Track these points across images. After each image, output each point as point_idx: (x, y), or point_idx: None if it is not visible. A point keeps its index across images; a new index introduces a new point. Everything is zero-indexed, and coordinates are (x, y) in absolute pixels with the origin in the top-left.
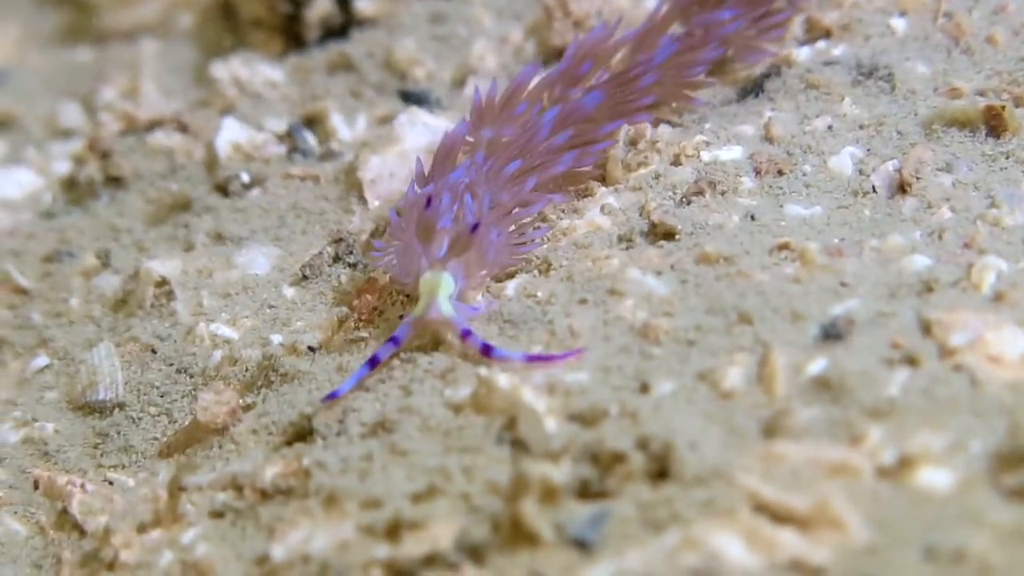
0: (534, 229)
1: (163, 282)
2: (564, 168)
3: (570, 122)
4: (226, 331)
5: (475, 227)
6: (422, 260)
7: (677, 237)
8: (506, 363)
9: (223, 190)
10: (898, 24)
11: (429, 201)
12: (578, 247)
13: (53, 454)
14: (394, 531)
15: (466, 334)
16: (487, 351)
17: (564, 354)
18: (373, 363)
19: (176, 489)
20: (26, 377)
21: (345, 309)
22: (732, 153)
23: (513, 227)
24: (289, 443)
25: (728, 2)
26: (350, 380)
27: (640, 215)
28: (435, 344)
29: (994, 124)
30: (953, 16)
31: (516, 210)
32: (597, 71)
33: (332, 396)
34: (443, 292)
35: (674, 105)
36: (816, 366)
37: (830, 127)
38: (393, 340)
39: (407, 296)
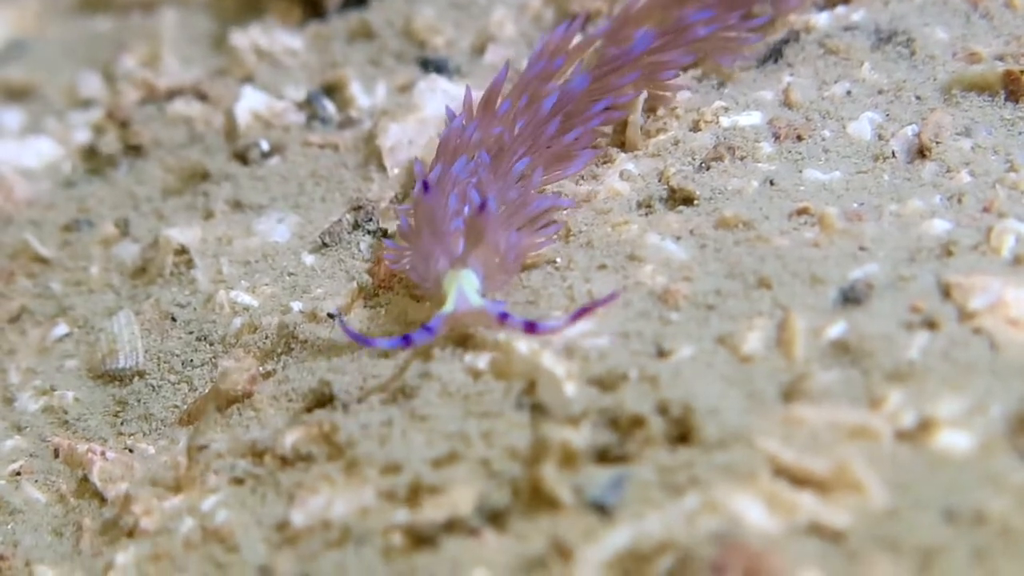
0: (546, 226)
1: (182, 250)
2: (576, 171)
3: (566, 107)
4: (246, 298)
5: (483, 205)
6: (439, 261)
7: (696, 202)
8: (552, 334)
9: (242, 158)
10: None
11: (427, 186)
12: (597, 213)
13: (73, 422)
14: (414, 496)
15: (503, 317)
16: (531, 328)
17: (602, 300)
18: (406, 340)
19: (195, 450)
20: (46, 346)
21: (365, 276)
22: (751, 118)
23: (526, 224)
24: (309, 409)
25: (705, 2)
26: (381, 341)
27: (659, 181)
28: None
29: (1013, 89)
30: None
31: (527, 207)
32: (569, 66)
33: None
34: (468, 286)
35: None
36: (835, 330)
37: (849, 92)
38: (428, 329)
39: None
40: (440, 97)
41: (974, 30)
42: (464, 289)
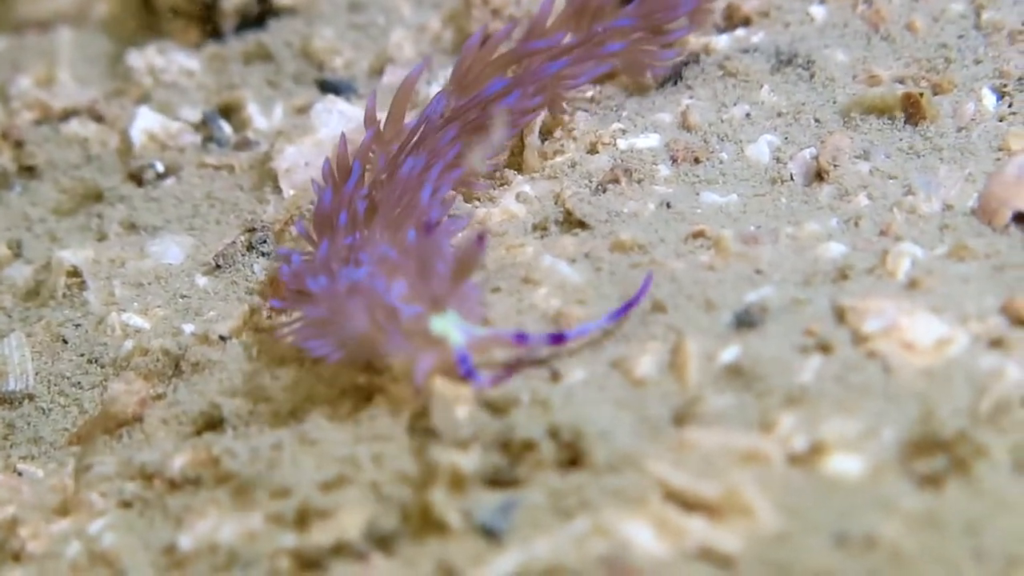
0: None
1: (75, 272)
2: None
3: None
4: (138, 321)
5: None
6: (407, 314)
7: (591, 225)
8: (582, 338)
9: (137, 179)
10: (817, 11)
11: (428, 227)
12: (492, 235)
13: None
14: (302, 520)
15: (521, 339)
16: (560, 339)
17: (639, 292)
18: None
19: (81, 472)
20: None
21: (257, 298)
22: (649, 141)
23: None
24: (199, 432)
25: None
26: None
27: (555, 203)
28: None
29: (912, 111)
30: (873, 3)
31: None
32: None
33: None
34: (461, 322)
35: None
36: (728, 353)
37: (748, 115)
38: (463, 359)
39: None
40: (336, 118)
41: (875, 53)
42: (461, 325)
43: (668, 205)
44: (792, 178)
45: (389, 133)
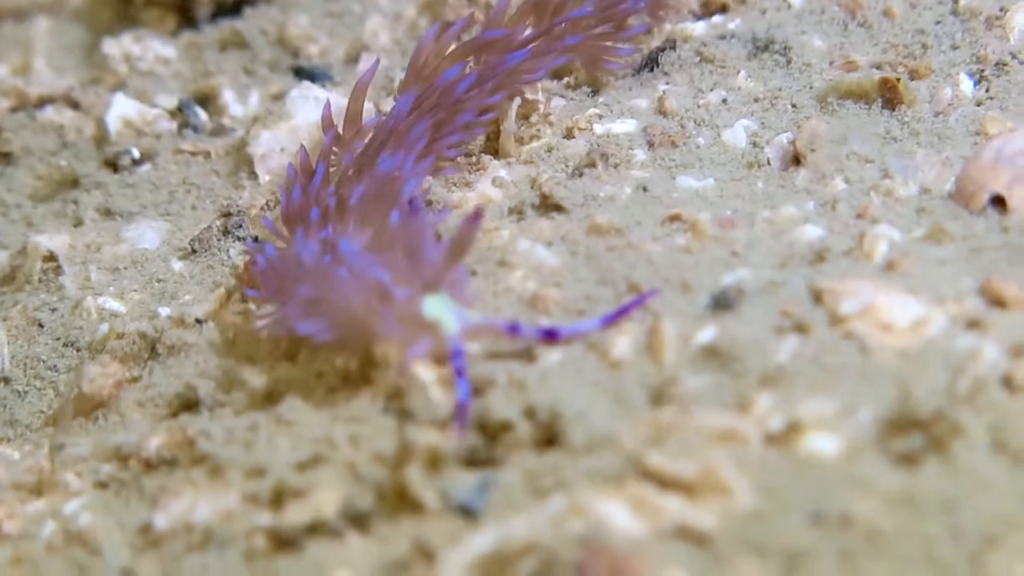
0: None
1: (51, 257)
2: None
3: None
4: (114, 304)
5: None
6: (398, 293)
7: (568, 209)
8: (576, 338)
9: (113, 166)
10: None
11: (412, 204)
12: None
13: None
14: (278, 499)
15: (514, 330)
16: (553, 335)
17: (636, 300)
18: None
19: (54, 451)
20: None
21: (233, 282)
22: (626, 126)
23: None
24: (175, 414)
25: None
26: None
27: (531, 187)
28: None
29: (889, 96)
30: None
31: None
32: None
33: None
34: (455, 306)
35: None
36: (705, 334)
37: (725, 100)
38: (457, 354)
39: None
40: (312, 104)
41: (852, 39)
42: (455, 309)
43: (645, 189)
44: (769, 162)
45: (348, 134)
